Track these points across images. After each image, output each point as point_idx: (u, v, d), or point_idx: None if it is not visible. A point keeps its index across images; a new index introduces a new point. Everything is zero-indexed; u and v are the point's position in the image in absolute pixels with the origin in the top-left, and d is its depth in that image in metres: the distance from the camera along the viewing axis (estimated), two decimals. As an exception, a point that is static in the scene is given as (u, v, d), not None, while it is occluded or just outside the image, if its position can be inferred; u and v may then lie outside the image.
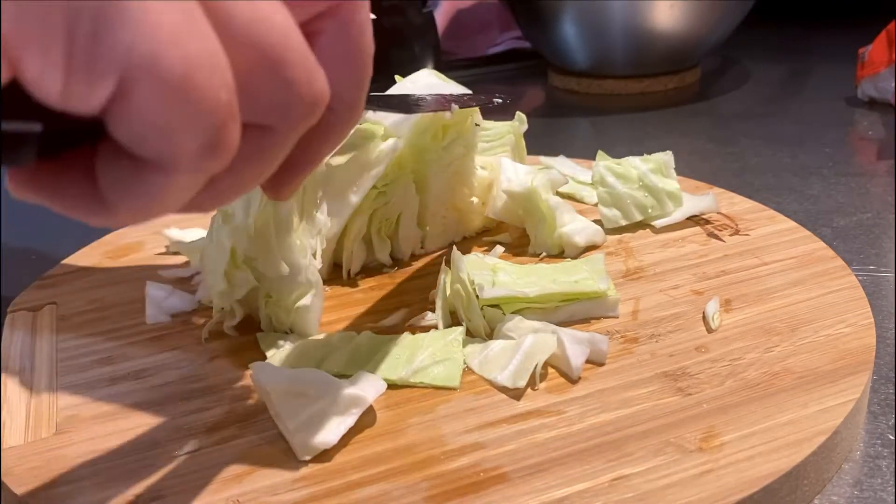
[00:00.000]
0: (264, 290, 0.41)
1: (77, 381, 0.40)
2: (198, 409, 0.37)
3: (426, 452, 0.33)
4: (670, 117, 0.87)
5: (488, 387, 0.37)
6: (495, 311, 0.41)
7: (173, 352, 0.42)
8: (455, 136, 0.49)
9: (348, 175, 0.47)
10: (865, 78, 0.84)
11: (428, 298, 0.45)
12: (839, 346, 0.38)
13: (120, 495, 0.32)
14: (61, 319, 0.46)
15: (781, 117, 0.84)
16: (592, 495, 0.30)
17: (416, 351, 0.39)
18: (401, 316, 0.44)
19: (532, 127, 0.56)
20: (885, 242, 0.55)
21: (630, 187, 0.52)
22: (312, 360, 0.39)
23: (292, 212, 0.40)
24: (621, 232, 0.52)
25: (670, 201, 0.52)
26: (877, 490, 0.34)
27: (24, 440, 0.36)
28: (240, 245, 0.39)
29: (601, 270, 0.44)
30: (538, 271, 0.45)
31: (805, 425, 0.33)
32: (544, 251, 0.49)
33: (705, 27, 0.91)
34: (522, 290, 0.41)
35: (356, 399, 0.34)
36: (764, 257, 0.47)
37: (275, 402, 0.34)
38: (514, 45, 1.14)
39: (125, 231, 0.58)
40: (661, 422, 0.34)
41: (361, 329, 0.43)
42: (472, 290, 0.41)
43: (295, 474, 0.33)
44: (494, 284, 0.42)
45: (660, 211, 0.52)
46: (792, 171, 0.69)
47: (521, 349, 0.38)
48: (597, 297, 0.42)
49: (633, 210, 0.51)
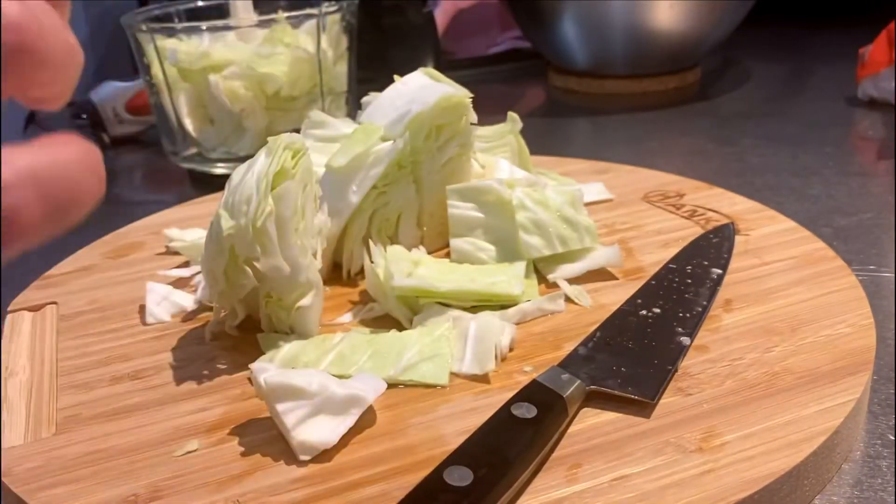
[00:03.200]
0: (264, 290, 0.41)
1: (77, 381, 0.40)
2: (198, 409, 0.37)
3: (426, 452, 0.33)
4: (670, 117, 0.87)
5: (488, 387, 0.37)
6: (413, 302, 0.43)
7: (173, 352, 0.42)
8: (450, 135, 0.49)
9: (348, 175, 0.47)
10: (866, 78, 0.84)
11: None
12: (839, 346, 0.38)
13: (120, 495, 0.32)
14: (61, 319, 0.46)
15: (782, 117, 0.84)
16: (592, 495, 0.30)
17: (403, 349, 0.39)
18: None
19: (532, 127, 0.56)
20: (886, 242, 0.55)
21: (551, 216, 0.47)
22: (308, 360, 0.39)
23: (293, 212, 0.40)
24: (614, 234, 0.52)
25: (587, 236, 0.47)
26: (877, 490, 0.34)
27: (24, 440, 0.36)
28: (240, 245, 0.39)
29: (520, 276, 0.45)
30: (460, 270, 0.46)
31: (805, 425, 0.33)
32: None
33: (705, 27, 0.91)
34: (435, 285, 0.42)
35: (356, 399, 0.34)
36: (764, 257, 0.47)
37: (275, 403, 0.34)
38: (514, 45, 1.14)
39: (125, 231, 0.58)
40: (661, 422, 0.34)
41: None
42: (383, 279, 0.43)
43: (295, 474, 0.33)
44: (410, 276, 0.43)
45: (578, 245, 0.47)
46: (792, 171, 0.69)
47: (469, 336, 0.40)
48: (509, 300, 0.43)
49: (554, 240, 0.46)
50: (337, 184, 0.47)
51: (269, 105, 0.71)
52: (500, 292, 0.43)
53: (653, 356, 0.37)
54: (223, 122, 0.71)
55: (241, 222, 0.39)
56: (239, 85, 0.69)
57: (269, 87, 0.70)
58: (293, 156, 0.41)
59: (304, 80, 0.71)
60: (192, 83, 0.70)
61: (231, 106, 0.69)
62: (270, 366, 0.36)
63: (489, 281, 0.44)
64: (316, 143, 0.52)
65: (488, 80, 1.08)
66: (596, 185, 0.58)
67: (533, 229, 0.46)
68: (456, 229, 0.48)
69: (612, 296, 0.44)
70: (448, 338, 0.40)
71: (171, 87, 0.71)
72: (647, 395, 0.35)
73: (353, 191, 0.46)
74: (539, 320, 0.43)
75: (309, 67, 0.71)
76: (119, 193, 0.76)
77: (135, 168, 0.83)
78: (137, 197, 0.74)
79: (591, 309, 0.43)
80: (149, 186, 0.77)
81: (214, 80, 0.69)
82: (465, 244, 0.48)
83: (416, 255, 0.47)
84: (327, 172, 0.47)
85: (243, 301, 0.42)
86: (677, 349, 0.38)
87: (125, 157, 0.87)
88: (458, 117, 0.49)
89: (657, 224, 0.53)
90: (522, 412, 0.33)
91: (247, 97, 0.70)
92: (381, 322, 0.44)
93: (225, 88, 0.69)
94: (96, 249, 0.55)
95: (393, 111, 0.48)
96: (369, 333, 0.41)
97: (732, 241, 0.47)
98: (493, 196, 0.47)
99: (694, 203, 0.55)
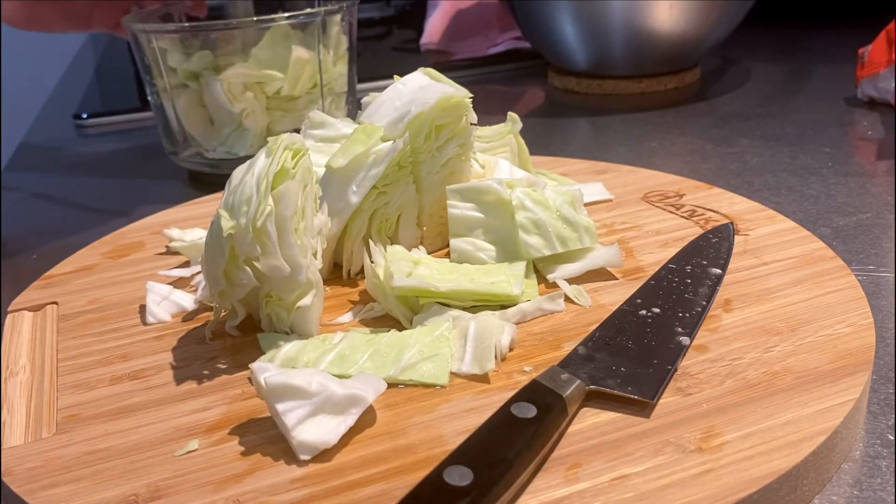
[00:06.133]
0: (264, 290, 0.41)
1: (77, 381, 0.40)
2: (198, 409, 0.37)
3: (426, 452, 0.33)
4: (670, 117, 0.87)
5: (488, 386, 0.37)
6: (413, 302, 0.43)
7: (173, 352, 0.42)
8: (449, 136, 0.49)
9: (348, 175, 0.47)
10: (865, 78, 0.84)
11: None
12: (839, 346, 0.38)
13: (120, 495, 0.32)
14: (62, 319, 0.46)
15: (781, 117, 0.84)
16: (592, 495, 0.30)
17: (403, 348, 0.39)
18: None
19: (532, 127, 0.56)
20: (885, 242, 0.55)
21: (550, 216, 0.47)
22: (308, 360, 0.39)
23: (293, 212, 0.40)
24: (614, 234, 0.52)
25: (587, 236, 0.47)
26: (876, 490, 0.34)
27: (24, 440, 0.36)
28: (240, 245, 0.39)
29: (519, 276, 0.45)
30: (460, 270, 0.46)
31: (805, 425, 0.33)
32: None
33: (705, 27, 0.91)
34: (434, 285, 0.42)
35: (356, 399, 0.34)
36: (764, 257, 0.47)
37: (275, 402, 0.34)
38: (514, 45, 1.14)
39: (125, 231, 0.58)
40: (661, 421, 0.34)
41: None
42: (383, 279, 0.43)
43: (295, 474, 0.33)
44: (410, 276, 0.43)
45: (578, 245, 0.47)
46: (791, 171, 0.69)
47: (469, 336, 0.40)
48: (508, 300, 0.43)
49: (554, 240, 0.46)
50: (337, 184, 0.47)
51: (269, 105, 0.71)
52: (499, 292, 0.43)
53: (652, 356, 0.38)
54: (223, 123, 0.71)
55: (241, 222, 0.39)
56: (239, 85, 0.69)
57: (269, 88, 0.70)
58: (293, 156, 0.41)
59: (304, 80, 0.71)
60: (192, 83, 0.70)
61: (231, 106, 0.70)
62: (270, 365, 0.36)
63: (489, 281, 0.44)
64: (316, 143, 0.52)
65: (488, 80, 1.08)
66: (595, 186, 0.59)
67: (532, 229, 0.47)
68: (456, 229, 0.48)
69: (612, 296, 0.44)
70: (448, 337, 0.40)
71: (172, 88, 0.71)
72: (646, 395, 0.35)
73: (353, 191, 0.46)
74: (539, 320, 0.43)
75: (309, 68, 0.71)
76: (119, 193, 0.76)
77: (135, 168, 0.83)
78: (137, 197, 0.74)
79: (590, 309, 0.43)
80: (149, 186, 0.77)
81: (214, 80, 0.69)
82: (464, 244, 0.48)
83: (416, 255, 0.47)
84: (327, 172, 0.47)
85: (243, 301, 0.42)
86: (677, 349, 0.38)
87: (125, 157, 0.87)
88: (458, 117, 0.49)
89: (657, 224, 0.53)
90: (522, 412, 0.33)
91: (247, 98, 0.70)
92: (381, 322, 0.44)
93: (225, 89, 0.69)
94: (96, 249, 0.55)
95: (393, 111, 0.48)
96: (369, 333, 0.41)
97: (732, 241, 0.47)
98: (493, 196, 0.47)
99: (693, 203, 0.55)
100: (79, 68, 1.37)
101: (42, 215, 0.73)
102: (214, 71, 0.69)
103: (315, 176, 0.43)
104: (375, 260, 0.45)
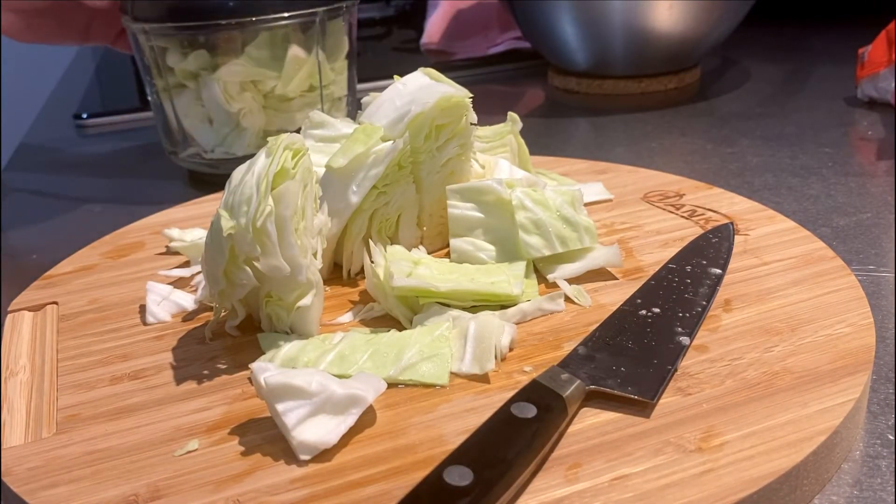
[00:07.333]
0: (264, 290, 0.41)
1: (77, 381, 0.40)
2: (198, 409, 0.37)
3: (426, 452, 0.33)
4: (670, 117, 0.87)
5: (488, 386, 0.37)
6: (413, 301, 0.43)
7: (173, 352, 0.42)
8: (449, 136, 0.49)
9: (348, 175, 0.47)
10: (865, 78, 0.84)
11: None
12: (839, 346, 0.38)
13: (120, 495, 0.32)
14: (62, 319, 0.46)
15: (781, 117, 0.84)
16: (592, 495, 0.30)
17: (403, 348, 0.39)
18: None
19: (532, 127, 0.56)
20: (885, 242, 0.55)
21: (550, 216, 0.47)
22: (308, 360, 0.39)
23: (293, 212, 0.40)
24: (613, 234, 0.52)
25: (587, 236, 0.47)
26: (876, 490, 0.34)
27: (24, 440, 0.36)
28: (240, 245, 0.39)
29: (519, 276, 0.45)
30: (460, 270, 0.46)
31: (805, 425, 0.33)
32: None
33: (705, 27, 0.91)
34: (434, 285, 0.42)
35: (356, 399, 0.34)
36: (764, 257, 0.47)
37: (275, 402, 0.34)
38: (514, 45, 1.14)
39: (125, 231, 0.58)
40: (661, 421, 0.34)
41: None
42: (383, 279, 0.43)
43: (295, 474, 0.33)
44: (410, 276, 0.43)
45: (578, 245, 0.47)
46: (791, 171, 0.69)
47: (469, 336, 0.40)
48: (508, 300, 0.43)
49: (554, 240, 0.46)
50: (337, 184, 0.47)
51: (267, 105, 0.71)
52: (499, 292, 0.43)
53: (652, 356, 0.38)
54: (222, 122, 0.71)
55: (241, 222, 0.39)
56: (236, 85, 0.69)
57: (266, 88, 0.70)
58: (293, 156, 0.41)
59: (300, 80, 0.71)
60: (190, 83, 0.70)
61: (228, 106, 0.69)
62: (270, 365, 0.36)
63: (489, 281, 0.44)
64: (316, 144, 0.52)
65: (488, 80, 1.08)
66: (595, 185, 0.59)
67: (533, 229, 0.46)
68: (456, 229, 0.48)
69: (612, 296, 0.44)
70: (448, 337, 0.40)
71: (171, 87, 0.71)
72: (646, 395, 0.35)
73: (353, 191, 0.46)
74: (539, 320, 0.43)
75: (306, 68, 0.71)
76: (119, 193, 0.76)
77: (135, 168, 0.83)
78: (137, 197, 0.74)
79: (590, 309, 0.43)
80: (149, 186, 0.77)
81: (212, 80, 0.69)
82: (464, 244, 0.48)
83: (416, 255, 0.47)
84: (327, 172, 0.47)
85: (243, 301, 0.42)
86: (677, 349, 0.38)
87: (125, 157, 0.87)
88: (458, 117, 0.49)
89: (657, 224, 0.53)
90: (522, 412, 0.33)
91: (244, 97, 0.70)
92: (381, 322, 0.44)
93: (222, 89, 0.69)
94: (96, 249, 0.55)
95: (393, 111, 0.48)
96: (369, 333, 0.41)
97: (732, 241, 0.47)
98: (493, 196, 0.47)
99: (693, 203, 0.55)
100: (79, 68, 1.37)
101: (42, 215, 0.73)
102: (212, 71, 0.69)
103: (315, 176, 0.43)
104: (375, 260, 0.45)
